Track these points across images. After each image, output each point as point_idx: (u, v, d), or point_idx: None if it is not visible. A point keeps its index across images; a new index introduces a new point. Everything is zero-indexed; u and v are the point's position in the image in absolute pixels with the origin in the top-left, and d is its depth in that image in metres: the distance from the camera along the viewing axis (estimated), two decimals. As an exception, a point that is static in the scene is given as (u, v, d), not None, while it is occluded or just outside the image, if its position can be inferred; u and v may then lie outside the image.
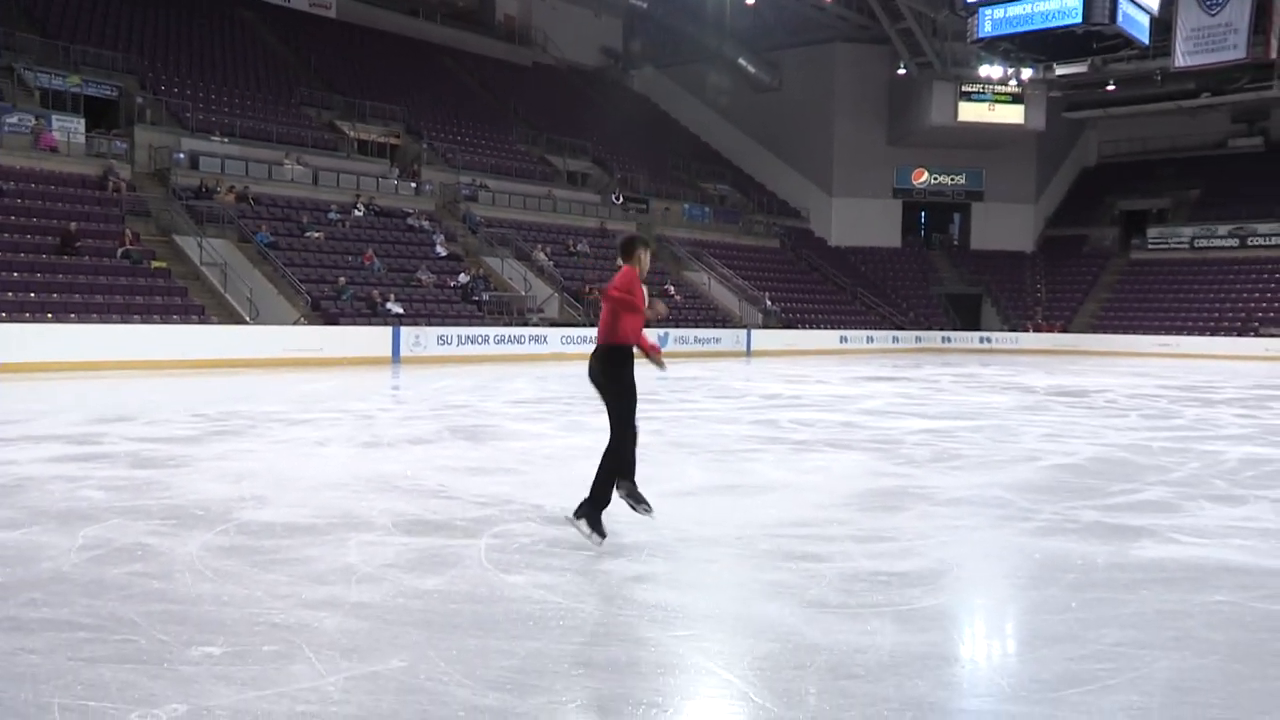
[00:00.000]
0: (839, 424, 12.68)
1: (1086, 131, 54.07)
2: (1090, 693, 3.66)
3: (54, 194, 25.09)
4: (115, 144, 27.92)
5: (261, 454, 9.27)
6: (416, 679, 3.71)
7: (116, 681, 3.62)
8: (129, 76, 31.11)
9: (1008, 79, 44.73)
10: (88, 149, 27.35)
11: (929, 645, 4.19)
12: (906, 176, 51.27)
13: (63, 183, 25.74)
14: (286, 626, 4.29)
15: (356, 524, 6.31)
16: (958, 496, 7.60)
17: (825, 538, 6.14)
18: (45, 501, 6.81)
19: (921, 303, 48.04)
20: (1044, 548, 5.92)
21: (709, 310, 37.60)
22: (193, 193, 27.73)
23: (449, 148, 37.71)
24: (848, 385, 20.29)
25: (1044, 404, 16.06)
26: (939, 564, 5.55)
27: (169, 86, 31.99)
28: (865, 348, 40.28)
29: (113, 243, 24.20)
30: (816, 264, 47.16)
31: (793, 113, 50.78)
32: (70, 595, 4.65)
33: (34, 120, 26.40)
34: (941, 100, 46.34)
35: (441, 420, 12.36)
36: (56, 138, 26.54)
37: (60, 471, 8.01)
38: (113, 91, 30.20)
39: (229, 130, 30.97)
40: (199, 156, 29.22)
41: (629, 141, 47.07)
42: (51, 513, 6.44)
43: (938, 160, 50.81)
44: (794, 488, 7.95)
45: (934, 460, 9.48)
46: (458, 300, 29.28)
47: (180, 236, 26.31)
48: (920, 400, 16.59)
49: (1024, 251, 51.42)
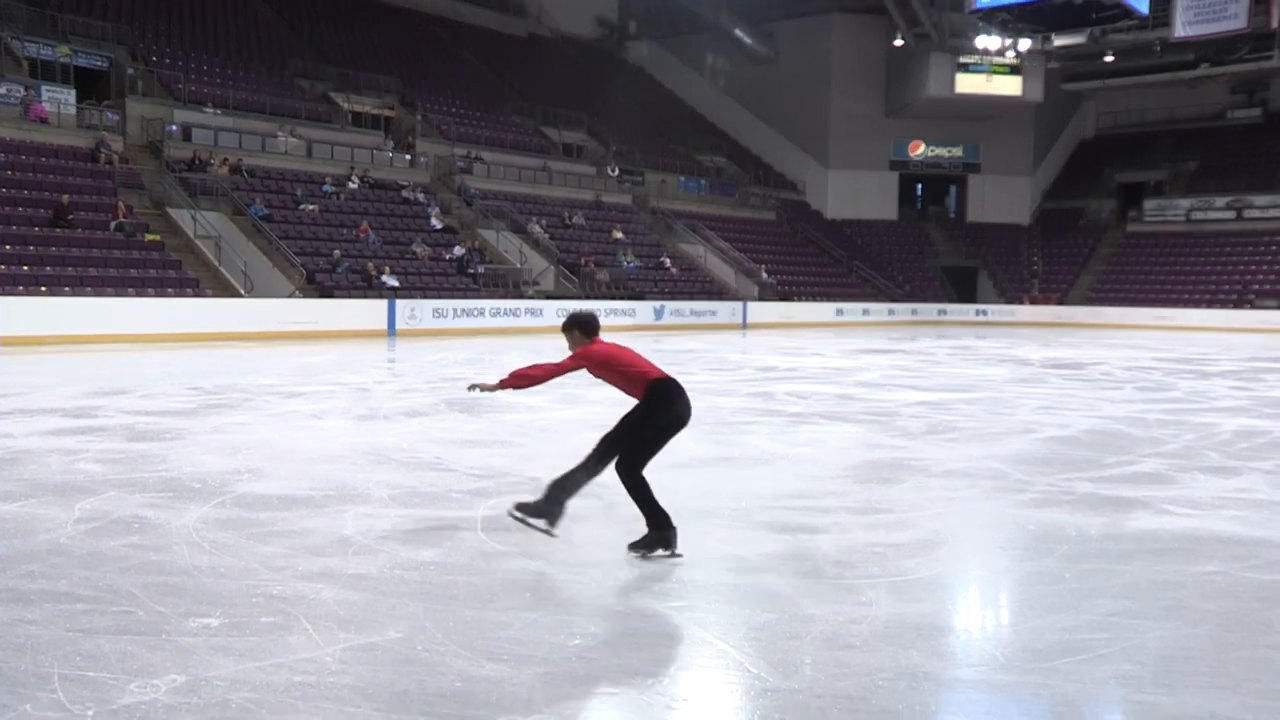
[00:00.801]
0: (835, 396, 12.69)
1: (1084, 103, 53.83)
2: (1083, 662, 3.69)
3: (45, 166, 24.95)
4: (107, 115, 27.73)
5: (257, 427, 9.27)
6: (413, 650, 3.73)
7: (115, 652, 3.64)
8: (120, 47, 30.85)
9: (1005, 50, 44.51)
10: (79, 120, 27.17)
11: (924, 616, 4.22)
12: (903, 149, 51.09)
13: (54, 154, 25.59)
14: (284, 598, 4.30)
15: (353, 496, 6.32)
16: (953, 468, 7.62)
17: (821, 509, 6.16)
18: (42, 474, 6.82)
19: (918, 275, 47.99)
20: (1039, 519, 5.95)
21: (705, 283, 37.55)
22: (186, 165, 27.59)
23: (444, 120, 37.50)
24: (844, 358, 20.29)
25: (1040, 376, 16.08)
26: (934, 535, 5.58)
27: (160, 58, 31.74)
28: (861, 320, 40.26)
29: (106, 215, 24.09)
30: (813, 237, 47.06)
31: (789, 85, 50.52)
32: (68, 567, 4.66)
33: (24, 91, 26.21)
34: (939, 72, 46.11)
35: (437, 393, 12.36)
36: (47, 109, 26.35)
37: (56, 445, 8.01)
38: (103, 62, 29.96)
39: (222, 102, 30.76)
40: (192, 128, 29.06)
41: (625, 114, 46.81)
42: (48, 485, 6.45)
43: (935, 132, 50.63)
44: (790, 460, 7.97)
45: (929, 432, 9.50)
46: (453, 273, 29.21)
47: (174, 209, 26.19)
48: (916, 373, 16.60)
49: (1020, 224, 51.33)
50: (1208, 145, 49.00)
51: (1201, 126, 50.04)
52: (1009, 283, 47.77)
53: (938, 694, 3.46)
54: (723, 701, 3.43)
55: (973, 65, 45.92)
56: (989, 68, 45.94)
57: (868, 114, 50.00)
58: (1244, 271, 42.63)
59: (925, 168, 51.69)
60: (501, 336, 26.07)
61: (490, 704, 3.27)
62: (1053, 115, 51.31)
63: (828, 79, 50.01)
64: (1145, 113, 51.77)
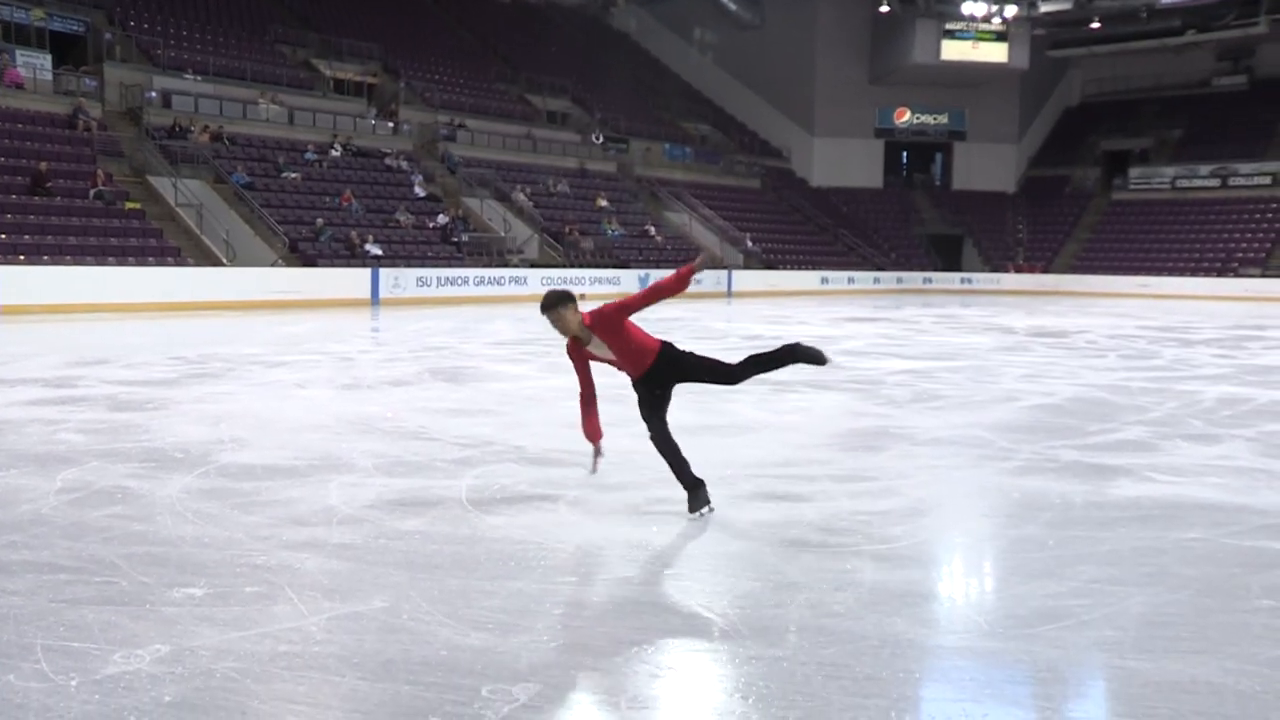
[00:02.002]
0: (820, 365, 12.69)
1: (1070, 71, 53.76)
2: (1066, 628, 3.72)
3: (22, 133, 24.64)
4: (85, 81, 27.39)
5: (240, 396, 9.23)
6: (399, 619, 3.73)
7: (99, 623, 3.63)
8: (96, 11, 30.42)
9: (991, 16, 44.37)
10: (56, 87, 26.85)
11: (908, 583, 4.24)
12: (888, 116, 50.97)
13: (30, 121, 25.27)
14: (268, 568, 4.30)
15: (337, 466, 6.31)
16: (938, 436, 7.66)
17: (806, 478, 6.18)
18: (23, 445, 6.78)
19: (903, 244, 48.03)
20: (1022, 487, 5.98)
21: (690, 251, 37.47)
22: (166, 132, 27.30)
23: (427, 87, 37.19)
24: (829, 326, 20.33)
25: (1024, 344, 16.14)
26: (918, 503, 5.61)
27: (139, 23, 31.33)
28: (846, 289, 40.30)
29: (85, 183, 23.84)
30: (798, 204, 46.99)
31: (775, 51, 50.26)
32: (50, 538, 4.64)
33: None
34: (924, 38, 45.94)
35: (421, 362, 12.32)
36: (22, 74, 25.99)
37: (37, 415, 7.96)
38: (80, 27, 29.55)
39: (202, 68, 30.42)
40: (171, 95, 28.74)
41: (609, 81, 46.48)
42: (29, 456, 6.41)
43: (920, 99, 50.51)
44: (774, 428, 7.99)
45: (914, 400, 9.53)
46: (437, 241, 29.08)
47: (154, 177, 25.95)
48: (901, 341, 16.64)
49: (1006, 192, 51.36)
50: (1193, 113, 49.04)
51: (1187, 94, 50.06)
52: (994, 251, 47.88)
53: (921, 661, 3.48)
54: (707, 669, 3.44)
55: (958, 32, 45.78)
56: (975, 34, 45.81)
57: (853, 81, 49.82)
58: (1228, 240, 42.83)
59: (911, 135, 51.63)
60: (486, 305, 25.99)
61: (476, 672, 3.28)
62: (1038, 82, 51.27)
63: (813, 45, 49.76)
64: (1131, 80, 51.74)
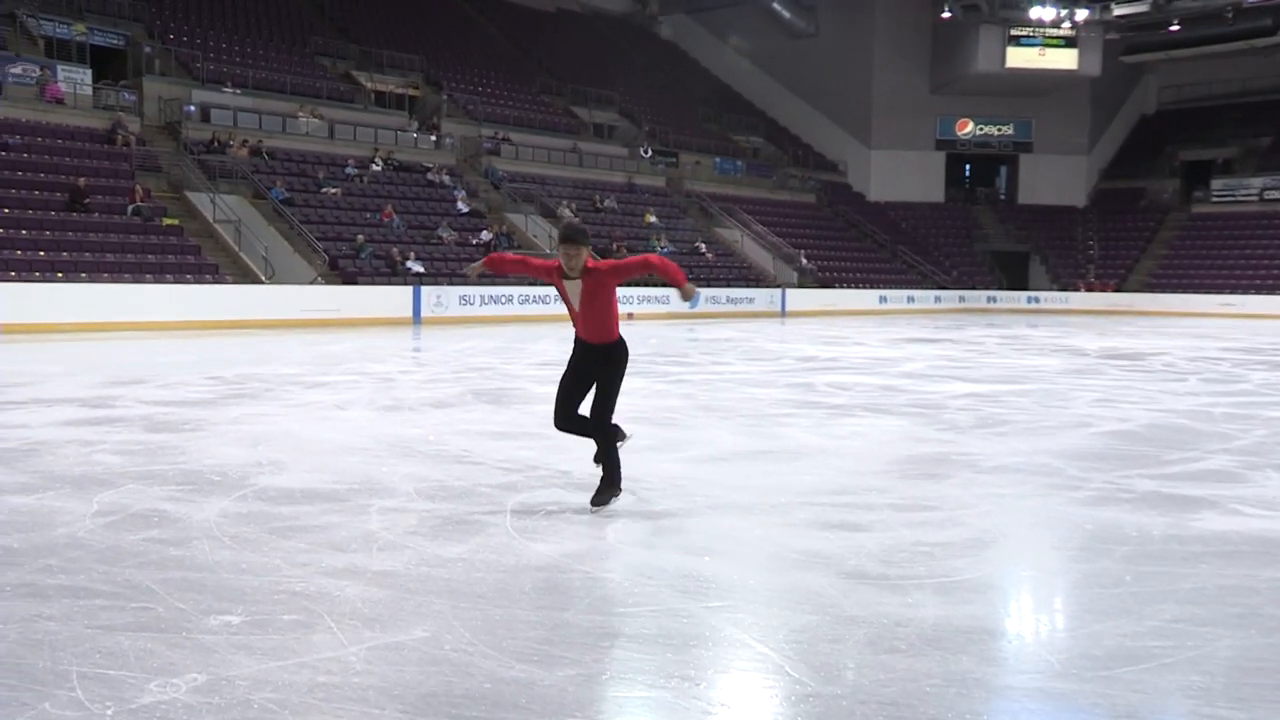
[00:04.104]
0: (878, 388, 12.62)
1: (1146, 76, 53.04)
2: (1147, 671, 3.64)
3: (61, 148, 25.27)
4: (123, 95, 28.05)
5: (279, 418, 9.35)
6: (440, 650, 3.74)
7: (135, 650, 3.68)
8: (136, 25, 31.17)
9: (1060, 21, 43.96)
10: (95, 101, 27.51)
11: (973, 619, 4.18)
12: (950, 127, 50.67)
13: (70, 136, 25.91)
14: (307, 595, 4.34)
15: (377, 490, 6.36)
16: (1003, 464, 7.55)
17: (864, 506, 6.13)
18: (59, 466, 6.91)
19: (965, 261, 47.61)
20: (1096, 518, 5.88)
21: (742, 269, 37.45)
22: (204, 147, 27.85)
23: (470, 99, 37.60)
24: (887, 347, 20.17)
25: (1096, 367, 15.91)
26: (983, 534, 5.53)
27: (178, 35, 32.05)
28: (906, 308, 40.02)
29: (123, 199, 24.38)
30: (854, 220, 46.79)
31: (830, 60, 50.21)
32: (86, 562, 4.72)
33: (39, 70, 26.54)
34: (988, 45, 45.64)
35: (464, 383, 12.41)
36: (63, 89, 26.68)
37: (74, 435, 8.12)
38: (120, 40, 30.29)
39: (241, 81, 31.02)
40: (210, 109, 29.32)
41: (658, 92, 46.73)
42: (66, 478, 6.53)
43: (984, 109, 50.14)
44: (831, 454, 7.93)
45: (978, 426, 9.42)
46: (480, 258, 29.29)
47: (192, 192, 26.46)
48: (964, 363, 16.48)
49: (1075, 206, 50.75)
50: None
51: (1276, 99, 48.80)
52: (1063, 268, 47.28)
53: (989, 701, 3.43)
54: (761, 707, 3.41)
55: (1025, 38, 45.41)
56: (1042, 40, 45.41)
57: (912, 91, 49.62)
58: (1320, 255, 41.90)
59: (974, 147, 51.25)
60: (530, 324, 26.14)
61: (520, 706, 3.28)
62: (1111, 90, 50.64)
63: (870, 54, 49.65)
64: (1213, 85, 50.76)
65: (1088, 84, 48.44)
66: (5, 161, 23.71)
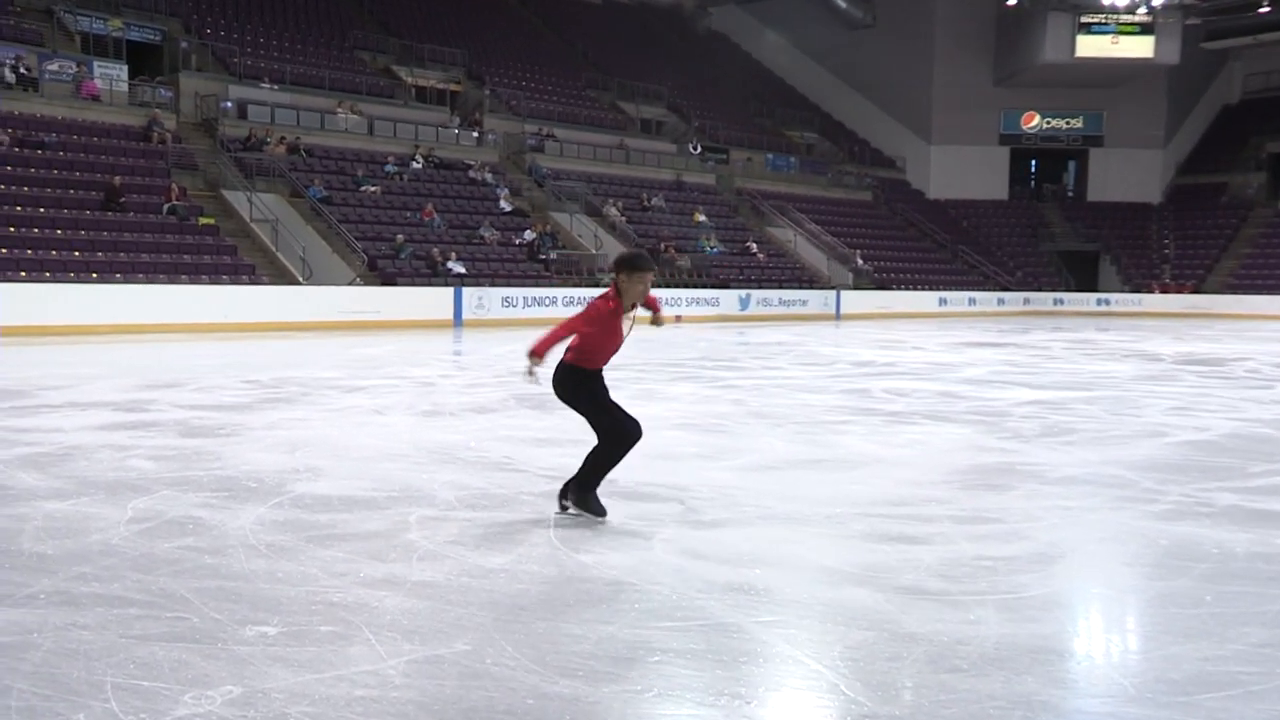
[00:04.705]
0: (937, 394, 12.52)
1: (1229, 63, 52.06)
2: (1231, 698, 3.57)
3: (97, 146, 25.76)
4: (159, 92, 28.54)
5: (316, 423, 9.46)
6: (482, 664, 3.76)
7: (169, 660, 3.73)
8: (173, 19, 31.71)
9: (1135, 6, 43.31)
10: (131, 97, 28.01)
11: (1039, 638, 4.13)
12: (1015, 121, 50.16)
13: (106, 134, 26.41)
14: (344, 606, 4.38)
15: (417, 498, 6.41)
16: (1071, 475, 7.46)
17: (922, 518, 6.08)
18: (93, 471, 7.03)
19: (1031, 261, 47.10)
20: (1172, 533, 5.78)
21: (794, 270, 37.32)
22: (241, 144, 28.25)
23: (513, 94, 37.82)
24: (947, 352, 20.02)
25: (1171, 373, 15.67)
26: (1050, 548, 5.46)
27: (215, 30, 32.55)
28: (967, 310, 39.68)
29: (158, 198, 24.79)
30: (913, 219, 46.48)
31: (888, 52, 49.91)
32: (121, 569, 4.80)
33: (75, 67, 27.09)
34: (1057, 34, 45.10)
35: (506, 387, 12.47)
36: (99, 85, 27.21)
37: (108, 440, 8.26)
38: (156, 36, 30.84)
39: (279, 77, 31.43)
40: (247, 105, 29.73)
41: (707, 86, 46.71)
42: (100, 483, 6.65)
43: (1051, 102, 49.57)
44: (887, 463, 7.88)
45: (1044, 435, 9.32)
46: (523, 259, 29.47)
47: (229, 191, 26.85)
48: (1029, 368, 16.31)
49: (1150, 203, 50.00)
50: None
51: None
52: (1135, 268, 46.59)
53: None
54: (816, 727, 3.40)
55: (1096, 25, 44.82)
56: (1115, 27, 44.76)
57: (975, 83, 49.18)
58: None
59: (1040, 141, 50.69)
60: (574, 327, 26.18)
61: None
62: (1190, 79, 49.76)
63: (931, 45, 49.30)
64: (1304, 71, 49.66)
65: (1164, 73, 47.67)
66: (41, 160, 24.23)
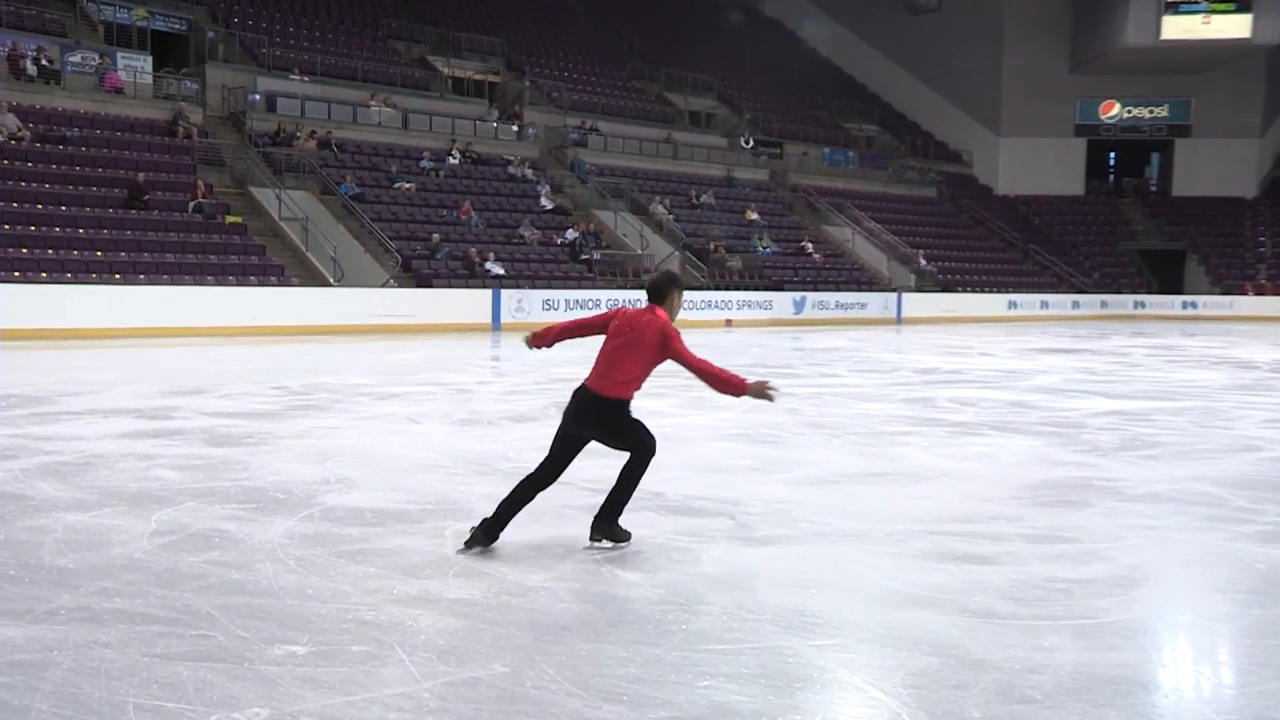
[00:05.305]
0: (1007, 403, 12.43)
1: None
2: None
3: (120, 141, 26.16)
4: (185, 84, 28.92)
5: (348, 431, 9.54)
6: (521, 686, 3.77)
7: (194, 680, 3.78)
8: (199, 8, 32.13)
9: (1230, -17, 42.53)
10: (155, 90, 28.41)
11: (1120, 668, 4.08)
12: (1093, 110, 49.61)
13: (130, 128, 26.82)
14: (377, 624, 4.41)
15: (454, 511, 6.44)
16: (1154, 491, 7.37)
17: (991, 536, 6.04)
18: (116, 481, 7.14)
19: (1109, 261, 46.56)
20: (1270, 557, 5.69)
21: (852, 271, 37.14)
22: (270, 138, 28.57)
23: (555, 86, 37.97)
24: (1017, 358, 19.87)
25: (1267, 382, 15.45)
26: (1131, 571, 5.39)
27: (242, 19, 32.95)
28: (1039, 314, 39.34)
29: (184, 195, 25.13)
30: (980, 216, 46.12)
31: (954, 38, 49.57)
32: (144, 585, 4.87)
33: (98, 59, 27.52)
34: (1140, 14, 44.50)
35: (547, 395, 12.51)
36: (122, 78, 27.62)
37: (131, 448, 8.39)
38: (182, 25, 31.25)
39: (309, 68, 31.75)
40: (276, 98, 30.04)
41: (760, 76, 46.63)
42: (122, 494, 6.75)
43: (1133, 89, 48.93)
44: (953, 477, 7.83)
45: (1123, 448, 9.22)
46: (565, 259, 29.56)
47: (256, 188, 27.16)
48: (1106, 376, 16.15)
49: (1243, 197, 49.18)
50: None
51: None
52: (1226, 268, 45.84)
53: (1139, 761, 3.34)
54: (878, 759, 3.37)
55: (1184, 4, 44.15)
56: (1206, 6, 44.00)
57: (1049, 70, 48.71)
58: None
59: (1120, 132, 50.09)
60: (618, 332, 26.23)
61: (607, 752, 3.29)
62: (1292, 60, 48.73)
63: (1000, 30, 48.91)
64: None
65: (1263, 55, 46.72)
66: (63, 156, 24.64)
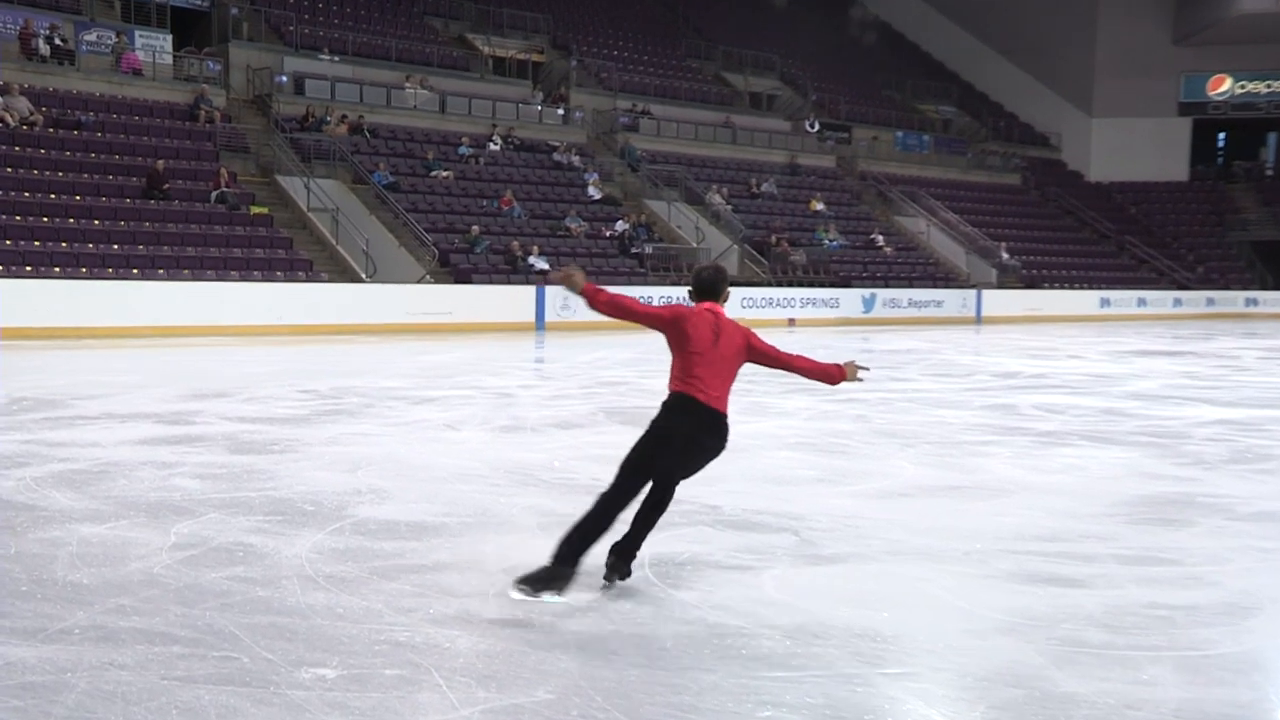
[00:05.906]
0: (1099, 411, 12.31)
1: None
2: None
3: (138, 126, 26.52)
4: (207, 65, 29.27)
5: (381, 438, 9.60)
6: (566, 714, 3.78)
7: (216, 705, 3.81)
8: (222, -17, 32.54)
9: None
10: (176, 71, 28.78)
11: (1232, 705, 4.02)
12: (1200, 86, 48.90)
13: (148, 112, 27.19)
14: (412, 646, 4.43)
15: (494, 524, 6.48)
16: (1267, 509, 7.27)
17: (1081, 556, 5.98)
18: (134, 491, 7.23)
19: (1216, 254, 45.90)
20: (1394, 582, 5.59)
21: (927, 266, 36.91)
22: (298, 123, 28.85)
23: (603, 65, 38.05)
24: (1111, 361, 19.68)
25: (1385, 389, 15.18)
26: (1243, 597, 5.32)
27: (269, -6, 33.31)
28: (1135, 313, 38.88)
29: (205, 184, 25.43)
30: (1070, 205, 45.67)
31: (1042, 10, 49.12)
32: (163, 602, 4.92)
33: (115, 37, 27.91)
34: (1256, -22, 43.83)
35: (594, 400, 12.54)
36: (140, 58, 28.01)
37: (150, 456, 8.49)
38: (204, 2, 31.64)
39: (340, 47, 32.04)
40: (304, 79, 30.34)
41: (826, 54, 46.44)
42: (141, 505, 6.83)
43: (1246, 61, 48.12)
44: (1038, 491, 7.77)
45: (1232, 461, 9.10)
46: (614, 253, 29.60)
47: (283, 176, 27.44)
48: (1213, 382, 15.96)
49: (1368, 182, 48.25)
50: None
51: None
52: (1352, 263, 45.03)
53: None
54: (956, 800, 3.35)
55: (1308, -35, 43.35)
56: (1334, -35, 43.19)
57: (1149, 42, 48.12)
58: None
59: (1231, 110, 49.32)
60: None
61: (660, 788, 3.29)
62: None
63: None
64: None
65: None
66: (78, 142, 25.04)
